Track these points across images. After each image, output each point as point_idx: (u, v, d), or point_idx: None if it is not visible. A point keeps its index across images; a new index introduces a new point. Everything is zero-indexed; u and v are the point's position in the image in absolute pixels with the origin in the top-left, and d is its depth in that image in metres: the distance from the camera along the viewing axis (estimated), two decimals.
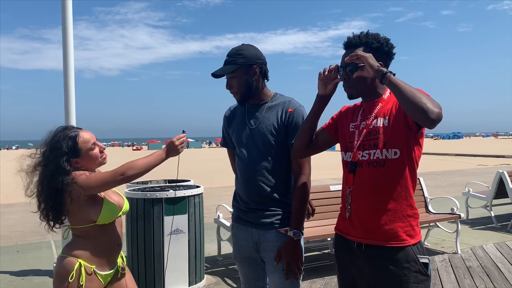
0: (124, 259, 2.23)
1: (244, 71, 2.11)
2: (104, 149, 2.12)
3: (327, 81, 1.89)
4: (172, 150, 2.06)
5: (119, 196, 2.19)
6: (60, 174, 1.92)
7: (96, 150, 2.06)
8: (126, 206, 2.17)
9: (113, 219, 2.06)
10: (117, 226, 2.13)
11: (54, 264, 2.16)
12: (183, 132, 2.11)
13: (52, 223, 2.01)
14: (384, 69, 1.66)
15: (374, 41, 1.82)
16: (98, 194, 2.03)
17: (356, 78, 1.81)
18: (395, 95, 1.62)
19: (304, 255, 2.11)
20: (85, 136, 2.03)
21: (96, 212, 1.97)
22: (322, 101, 1.94)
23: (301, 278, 2.10)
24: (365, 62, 1.71)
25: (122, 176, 1.92)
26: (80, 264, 1.94)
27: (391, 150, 1.75)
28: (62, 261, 1.98)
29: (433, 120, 1.53)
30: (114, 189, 2.19)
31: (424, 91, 1.73)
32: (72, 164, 1.98)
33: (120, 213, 2.12)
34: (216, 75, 2.15)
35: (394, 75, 1.65)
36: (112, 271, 2.09)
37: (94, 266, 1.99)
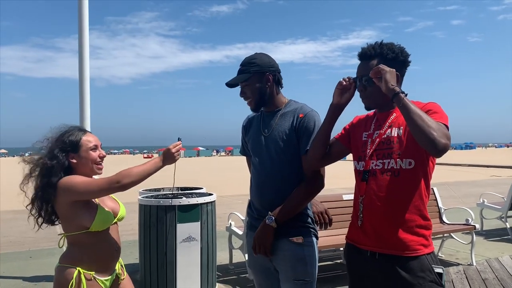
0: (123, 265, 2.22)
1: (257, 79, 2.13)
2: (104, 156, 2.10)
3: (344, 91, 1.89)
4: (169, 157, 2.03)
5: (115, 202, 2.16)
6: (57, 166, 1.94)
7: (96, 153, 2.05)
8: (122, 212, 2.14)
9: (106, 226, 2.03)
10: (113, 232, 2.10)
11: None
12: (179, 139, 2.11)
13: (41, 219, 2.00)
14: (397, 89, 1.66)
15: (389, 52, 1.82)
16: (93, 200, 2.02)
17: (373, 90, 1.81)
18: (404, 118, 1.62)
19: (317, 264, 2.09)
20: (90, 137, 2.06)
21: (90, 218, 1.95)
22: (336, 110, 1.93)
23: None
24: (382, 76, 1.70)
25: (118, 184, 1.88)
26: (79, 271, 1.93)
27: (406, 160, 1.75)
28: (60, 271, 1.96)
29: (439, 151, 1.55)
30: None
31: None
32: (69, 158, 1.99)
33: (115, 220, 2.10)
34: (230, 84, 2.17)
35: (406, 95, 1.64)
36: (110, 277, 2.07)
37: (93, 272, 1.97)
